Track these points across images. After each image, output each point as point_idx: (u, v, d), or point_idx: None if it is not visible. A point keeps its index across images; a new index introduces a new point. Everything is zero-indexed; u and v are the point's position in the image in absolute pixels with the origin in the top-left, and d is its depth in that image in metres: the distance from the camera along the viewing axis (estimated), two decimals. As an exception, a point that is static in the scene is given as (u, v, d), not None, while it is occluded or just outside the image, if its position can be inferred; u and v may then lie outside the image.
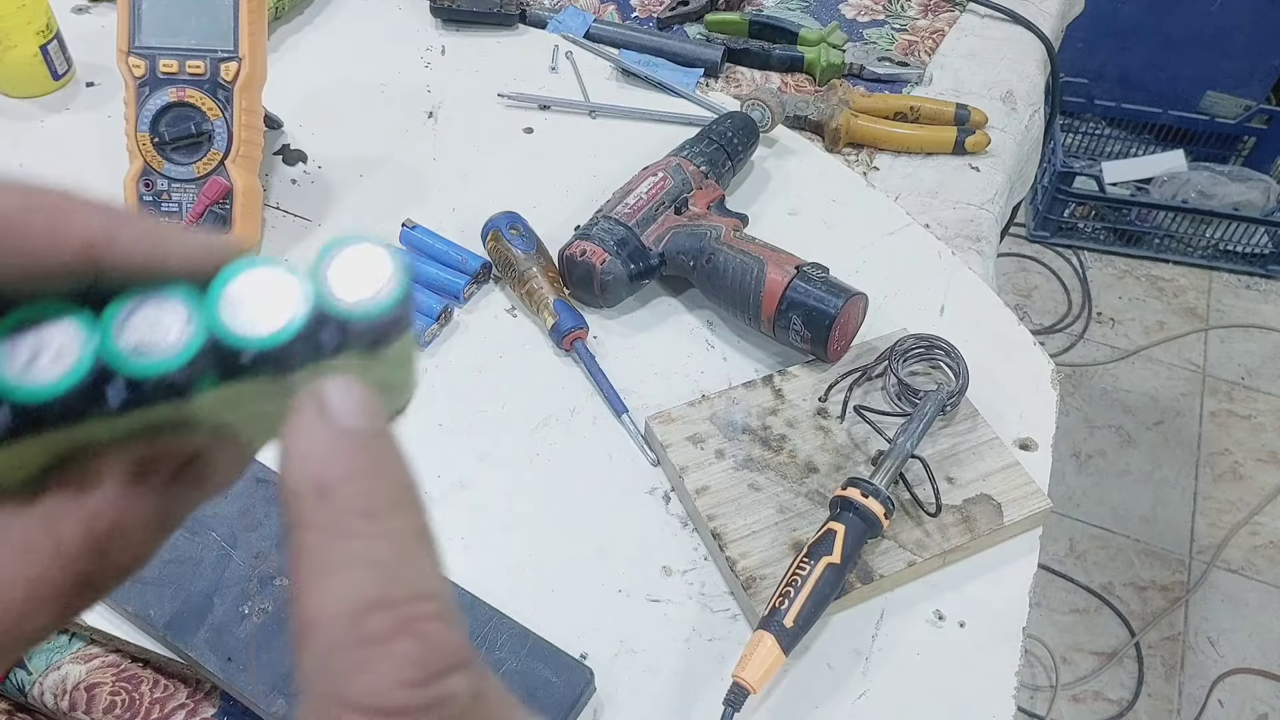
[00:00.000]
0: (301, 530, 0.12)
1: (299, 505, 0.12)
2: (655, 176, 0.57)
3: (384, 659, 0.11)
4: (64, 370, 0.13)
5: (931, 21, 0.79)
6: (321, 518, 0.12)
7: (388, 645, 0.11)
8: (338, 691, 0.11)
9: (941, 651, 0.43)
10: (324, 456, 0.12)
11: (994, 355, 0.54)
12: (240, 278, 0.14)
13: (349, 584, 0.11)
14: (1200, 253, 1.59)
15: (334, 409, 0.12)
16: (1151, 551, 1.24)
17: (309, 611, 0.11)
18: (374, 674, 0.11)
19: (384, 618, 0.11)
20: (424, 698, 0.11)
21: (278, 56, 0.70)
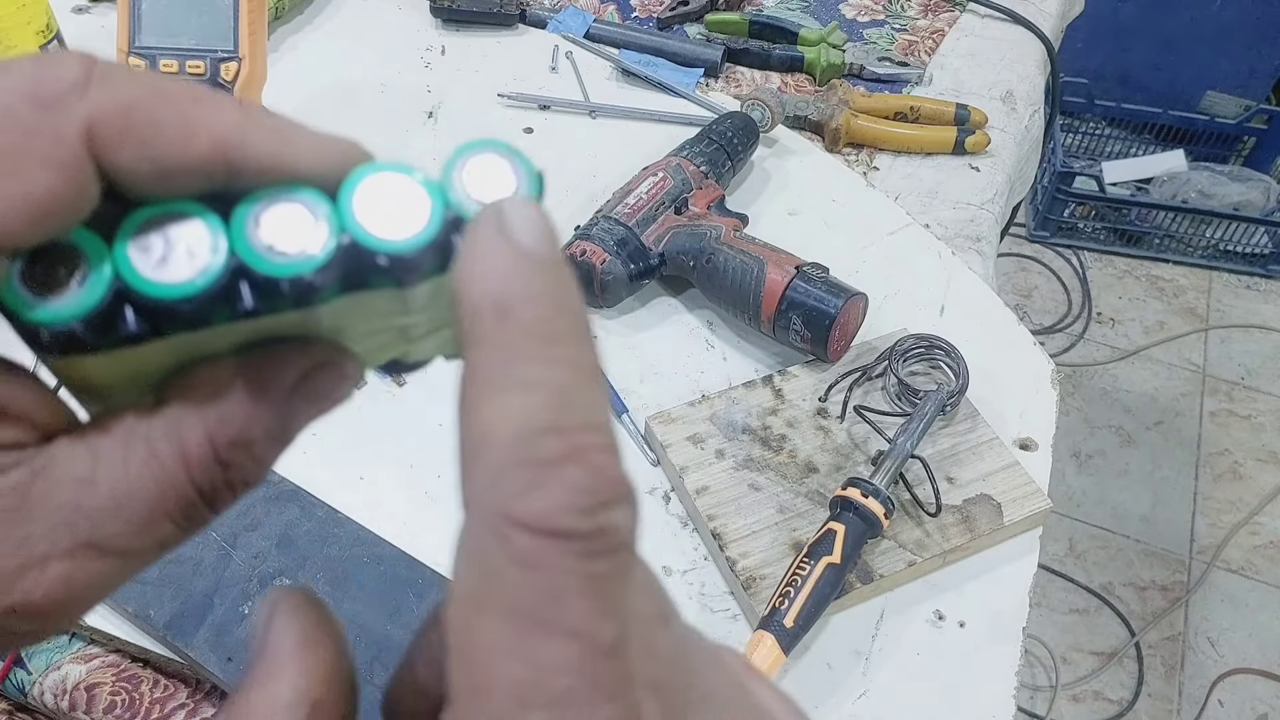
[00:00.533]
0: (478, 349, 0.12)
1: (477, 323, 0.12)
2: (655, 176, 0.57)
3: (554, 482, 0.11)
4: (198, 270, 0.13)
5: (931, 21, 0.79)
6: (500, 337, 0.11)
7: (559, 470, 0.11)
8: (505, 509, 0.11)
9: (941, 651, 0.43)
10: (506, 275, 0.12)
11: (994, 355, 0.53)
12: (371, 180, 0.13)
13: (524, 406, 0.11)
14: (1200, 253, 1.59)
15: (516, 228, 0.12)
16: (1151, 551, 1.24)
17: (480, 429, 0.11)
18: (543, 496, 0.11)
19: (556, 443, 0.11)
20: (590, 525, 0.11)
21: (278, 57, 0.70)
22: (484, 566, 0.11)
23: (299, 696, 0.13)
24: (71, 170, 0.12)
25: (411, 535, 0.44)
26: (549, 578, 0.11)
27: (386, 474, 0.47)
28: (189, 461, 0.13)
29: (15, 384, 0.13)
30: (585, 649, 0.11)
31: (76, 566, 0.13)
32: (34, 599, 0.13)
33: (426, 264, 0.14)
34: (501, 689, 0.11)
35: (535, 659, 0.11)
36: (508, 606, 0.11)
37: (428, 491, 0.47)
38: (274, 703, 0.13)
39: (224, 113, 0.13)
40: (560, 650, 0.11)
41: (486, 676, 0.11)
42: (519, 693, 0.11)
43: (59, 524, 0.13)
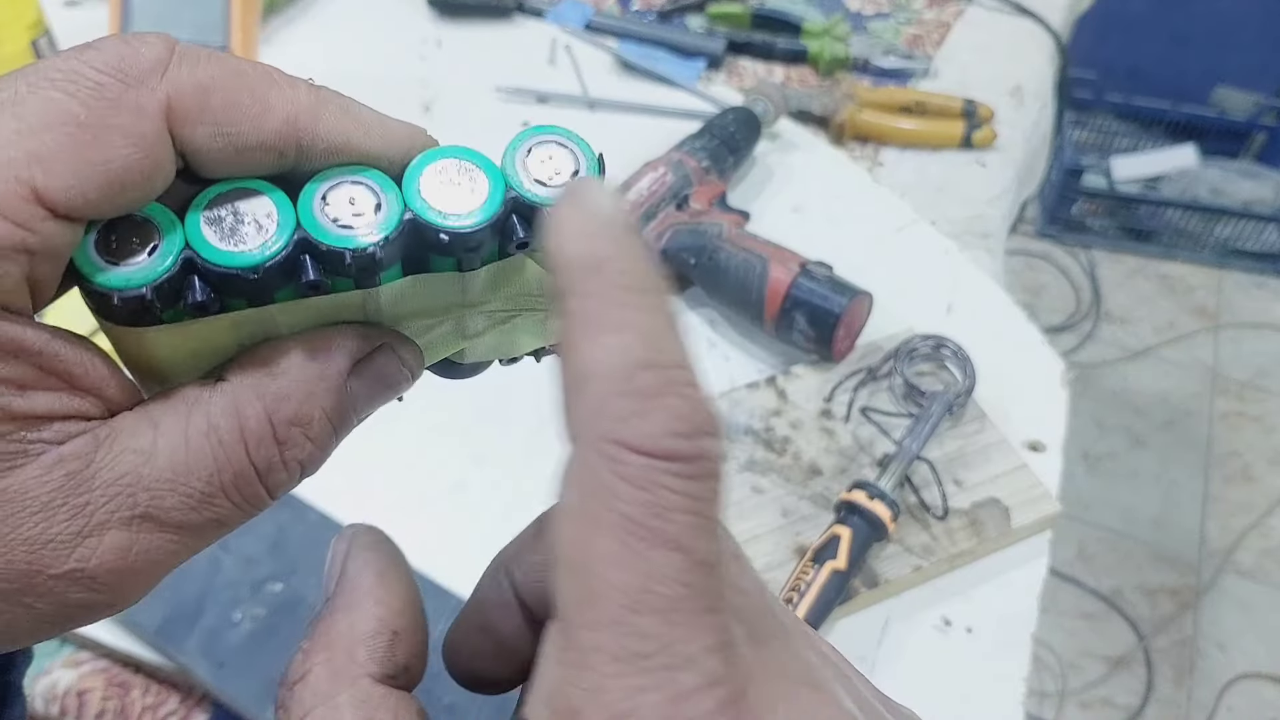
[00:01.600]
0: (575, 297, 0.13)
1: (572, 274, 0.13)
2: (656, 172, 0.56)
3: (657, 409, 0.12)
4: (264, 241, 0.14)
5: (938, 14, 0.78)
6: (595, 286, 0.13)
7: (659, 399, 0.12)
8: (613, 434, 0.12)
9: (948, 658, 0.42)
10: (594, 236, 0.13)
11: (1002, 355, 0.52)
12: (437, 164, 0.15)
13: (622, 343, 0.12)
14: (1211, 251, 1.57)
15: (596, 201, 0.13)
16: (1161, 555, 1.23)
17: (583, 364, 0.12)
18: (649, 421, 0.12)
19: (653, 376, 0.12)
20: (690, 448, 0.12)
21: (270, 49, 0.70)
22: (595, 486, 0.12)
23: (380, 625, 0.14)
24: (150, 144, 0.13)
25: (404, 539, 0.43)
26: (656, 494, 0.12)
27: (379, 479, 0.46)
28: (247, 436, 0.14)
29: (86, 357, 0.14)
30: (688, 561, 0.12)
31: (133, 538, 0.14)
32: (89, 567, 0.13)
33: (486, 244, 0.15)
34: (615, 595, 0.12)
35: (645, 568, 0.12)
36: (619, 520, 0.12)
37: (420, 495, 0.46)
38: (357, 631, 0.14)
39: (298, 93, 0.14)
40: (666, 560, 0.12)
41: (601, 584, 0.12)
42: (631, 598, 0.12)
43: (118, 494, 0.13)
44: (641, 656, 0.11)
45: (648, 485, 0.12)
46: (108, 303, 0.13)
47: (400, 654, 0.15)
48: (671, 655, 0.11)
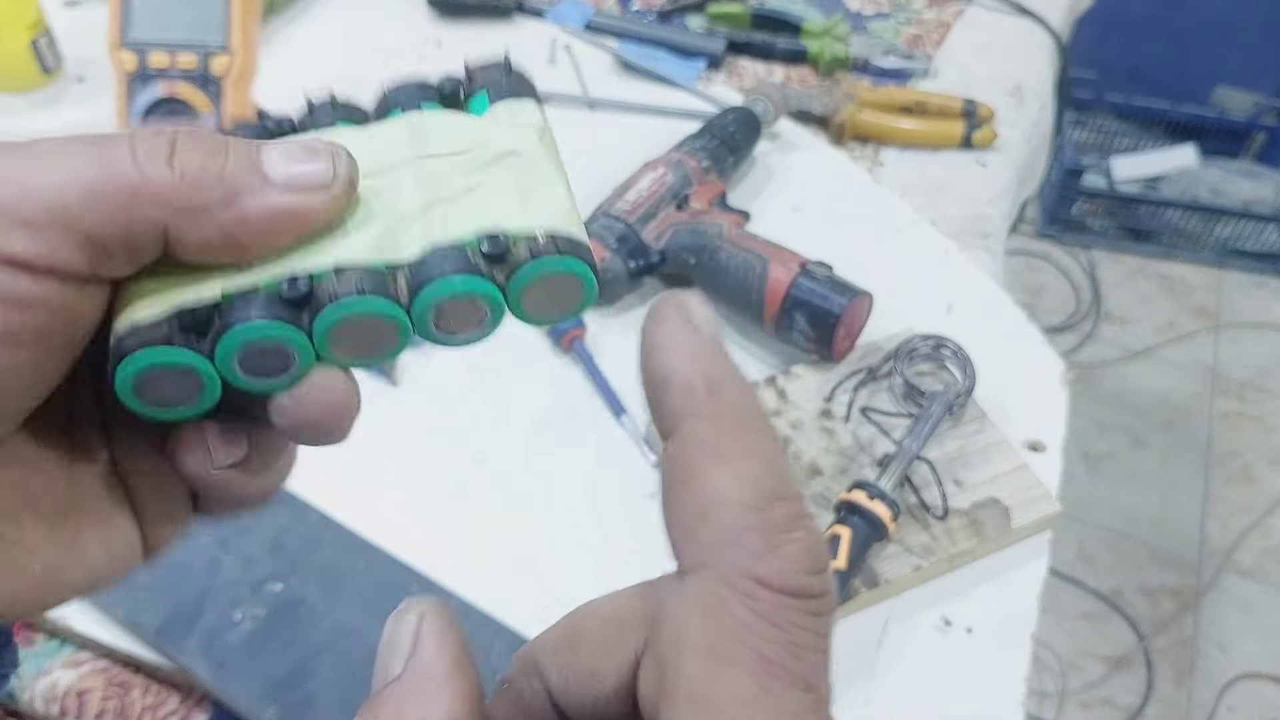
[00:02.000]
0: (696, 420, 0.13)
1: (692, 397, 0.13)
2: (656, 172, 0.56)
3: (790, 545, 0.12)
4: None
5: (938, 14, 0.78)
6: (716, 410, 0.13)
7: (790, 534, 0.12)
8: (749, 570, 0.12)
9: (948, 658, 0.42)
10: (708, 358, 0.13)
11: (1002, 355, 0.52)
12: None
13: (750, 473, 0.12)
14: (1211, 251, 1.57)
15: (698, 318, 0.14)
16: (1161, 555, 1.23)
17: (711, 491, 0.12)
18: (783, 557, 0.12)
19: (784, 509, 0.12)
20: (819, 585, 0.12)
21: (270, 50, 0.69)
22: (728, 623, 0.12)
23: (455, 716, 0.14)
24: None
25: (404, 540, 0.43)
26: (792, 634, 0.12)
27: (379, 478, 0.46)
28: None
29: None
30: (816, 699, 0.12)
31: None
32: None
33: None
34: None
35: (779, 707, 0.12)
36: (755, 659, 0.12)
37: (420, 496, 0.46)
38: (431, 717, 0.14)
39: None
40: (799, 700, 0.12)
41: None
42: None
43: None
44: None
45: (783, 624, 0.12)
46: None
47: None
48: None
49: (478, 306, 0.16)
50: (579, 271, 0.16)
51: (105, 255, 0.14)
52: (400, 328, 0.15)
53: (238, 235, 0.15)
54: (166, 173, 0.14)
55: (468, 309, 0.16)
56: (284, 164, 0.15)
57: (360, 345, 0.16)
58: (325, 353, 0.16)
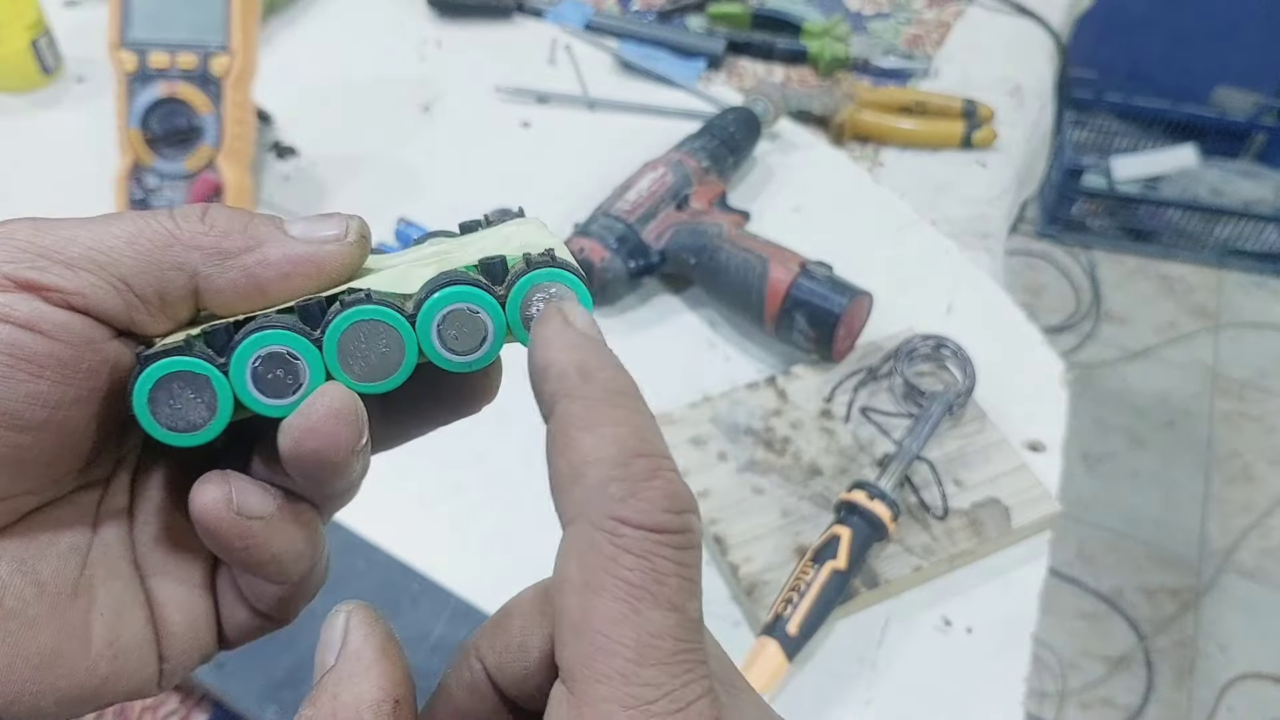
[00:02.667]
0: (568, 399, 0.15)
1: (565, 380, 0.15)
2: (656, 172, 0.56)
3: (648, 491, 0.14)
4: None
5: (938, 14, 0.78)
6: (587, 391, 0.15)
7: (649, 482, 0.14)
8: (613, 512, 0.14)
9: (948, 658, 0.42)
10: (580, 348, 0.15)
11: (1002, 355, 0.52)
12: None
13: (616, 436, 0.14)
14: (1211, 251, 1.57)
15: (577, 319, 0.16)
16: (1161, 555, 1.23)
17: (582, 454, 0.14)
18: (642, 500, 0.14)
19: (645, 463, 0.14)
20: (679, 522, 0.14)
21: (270, 50, 0.69)
22: (597, 559, 0.14)
23: (384, 695, 0.15)
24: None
25: (403, 540, 0.43)
26: (654, 562, 0.14)
27: (379, 480, 0.46)
28: None
29: None
30: (681, 620, 0.14)
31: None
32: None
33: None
34: (622, 650, 0.13)
35: (647, 626, 0.13)
36: (622, 586, 0.13)
37: (420, 496, 0.46)
38: (362, 701, 0.15)
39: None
40: (664, 618, 0.13)
41: (608, 642, 0.13)
42: (636, 652, 0.13)
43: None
44: (648, 703, 0.13)
45: (645, 554, 0.14)
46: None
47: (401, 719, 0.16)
48: (673, 700, 0.13)
49: (479, 320, 0.17)
50: (572, 283, 0.17)
51: (139, 301, 0.16)
52: (405, 342, 0.17)
53: (260, 277, 0.17)
54: (199, 225, 0.17)
55: (469, 322, 0.17)
56: (305, 225, 0.17)
57: (368, 365, 0.17)
58: (335, 367, 0.16)
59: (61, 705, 0.16)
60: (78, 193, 0.58)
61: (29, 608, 0.16)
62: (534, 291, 0.17)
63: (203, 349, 0.16)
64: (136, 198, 0.54)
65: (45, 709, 0.16)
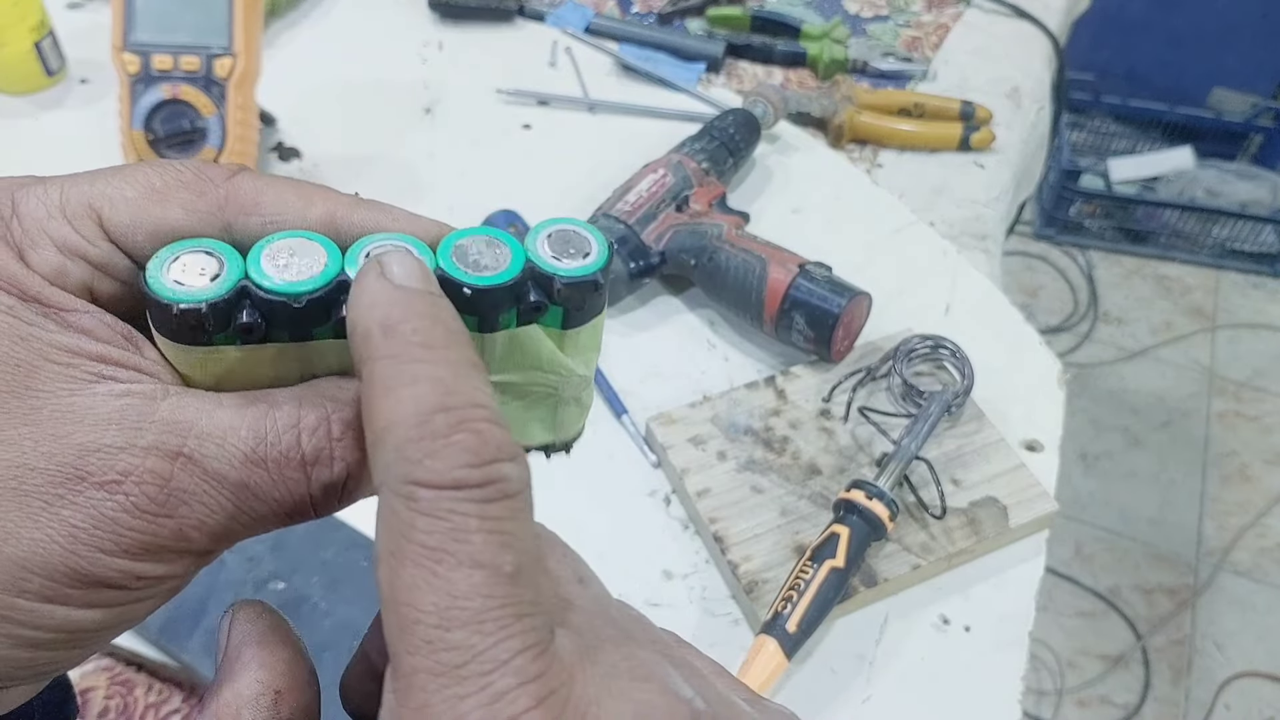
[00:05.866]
0: (370, 362, 0.14)
1: (368, 342, 0.14)
2: (656, 174, 0.56)
3: (448, 447, 0.13)
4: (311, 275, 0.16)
5: (936, 17, 0.78)
6: (388, 349, 0.14)
7: (449, 438, 0.13)
8: (409, 475, 0.13)
9: (947, 656, 0.42)
10: (388, 303, 0.14)
11: (1000, 355, 0.53)
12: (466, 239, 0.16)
13: (415, 395, 0.13)
14: (1207, 251, 1.57)
15: (393, 271, 0.15)
16: (1158, 554, 1.23)
17: (382, 418, 0.13)
18: (440, 459, 0.13)
19: (445, 418, 0.13)
20: (481, 475, 0.13)
21: (273, 52, 0.70)
22: (397, 525, 0.13)
23: (262, 688, 0.15)
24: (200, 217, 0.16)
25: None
26: (452, 520, 0.13)
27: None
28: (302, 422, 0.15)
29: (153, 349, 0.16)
30: (490, 575, 0.13)
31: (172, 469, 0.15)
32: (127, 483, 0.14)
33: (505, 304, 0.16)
34: (425, 617, 0.12)
35: (447, 587, 0.13)
36: (419, 550, 0.13)
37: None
38: (240, 696, 0.15)
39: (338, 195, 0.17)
40: (467, 577, 0.13)
41: (411, 610, 0.13)
42: (439, 617, 0.12)
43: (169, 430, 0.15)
44: (457, 667, 0.12)
45: (443, 514, 0.13)
46: (167, 315, 0.15)
47: (284, 711, 0.15)
48: (484, 662, 0.12)
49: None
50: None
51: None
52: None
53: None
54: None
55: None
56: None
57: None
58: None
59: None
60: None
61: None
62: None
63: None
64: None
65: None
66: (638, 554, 0.45)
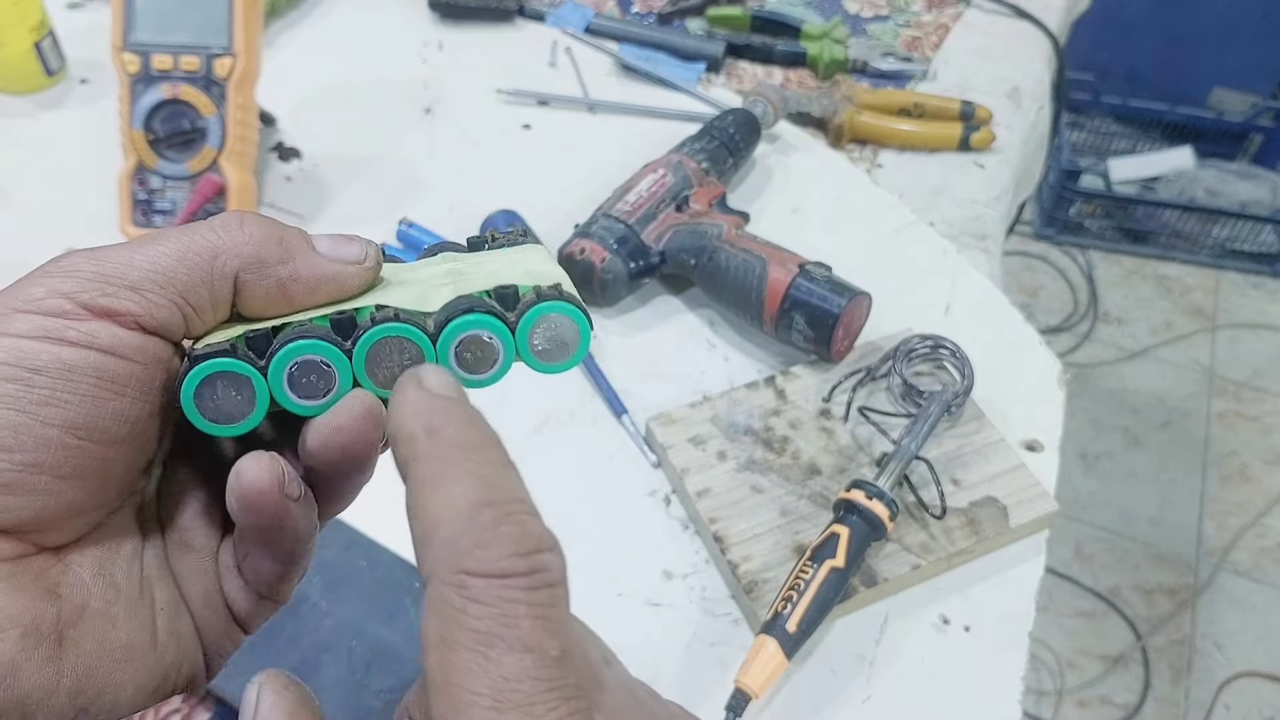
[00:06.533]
0: (416, 462, 0.15)
1: (413, 444, 0.15)
2: (656, 174, 0.56)
3: (495, 539, 0.14)
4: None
5: (936, 17, 0.78)
6: (433, 450, 0.15)
7: (496, 530, 0.14)
8: (460, 566, 0.14)
9: (946, 656, 0.42)
10: (429, 409, 0.16)
11: (1000, 355, 0.53)
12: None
13: (462, 492, 0.14)
14: (1207, 251, 1.57)
15: (431, 382, 0.16)
16: (1158, 554, 1.23)
17: (432, 514, 0.15)
18: (489, 550, 0.14)
19: (491, 512, 0.14)
20: (525, 565, 0.14)
21: (273, 52, 0.70)
22: (449, 613, 0.14)
23: None
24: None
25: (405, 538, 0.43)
26: (502, 607, 0.14)
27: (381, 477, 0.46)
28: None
29: None
30: (538, 659, 0.14)
31: None
32: None
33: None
34: (478, 699, 0.13)
35: (500, 670, 0.13)
36: (472, 636, 0.14)
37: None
38: None
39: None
40: (518, 661, 0.13)
41: (465, 694, 0.13)
42: (492, 700, 0.13)
43: None
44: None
45: (494, 601, 0.14)
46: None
47: None
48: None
49: (493, 345, 0.18)
50: (576, 317, 0.19)
51: (194, 311, 0.18)
52: (426, 358, 0.18)
53: (290, 289, 0.18)
54: (240, 234, 0.18)
55: (484, 346, 0.18)
56: (330, 244, 0.19)
57: (391, 374, 0.18)
58: (362, 375, 0.18)
59: (137, 695, 0.17)
60: (81, 194, 0.58)
61: (111, 607, 0.17)
62: (541, 321, 0.19)
63: (245, 352, 0.18)
64: (140, 199, 0.55)
65: (124, 701, 0.17)
66: (638, 554, 0.45)
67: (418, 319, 0.18)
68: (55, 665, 0.16)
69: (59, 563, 0.17)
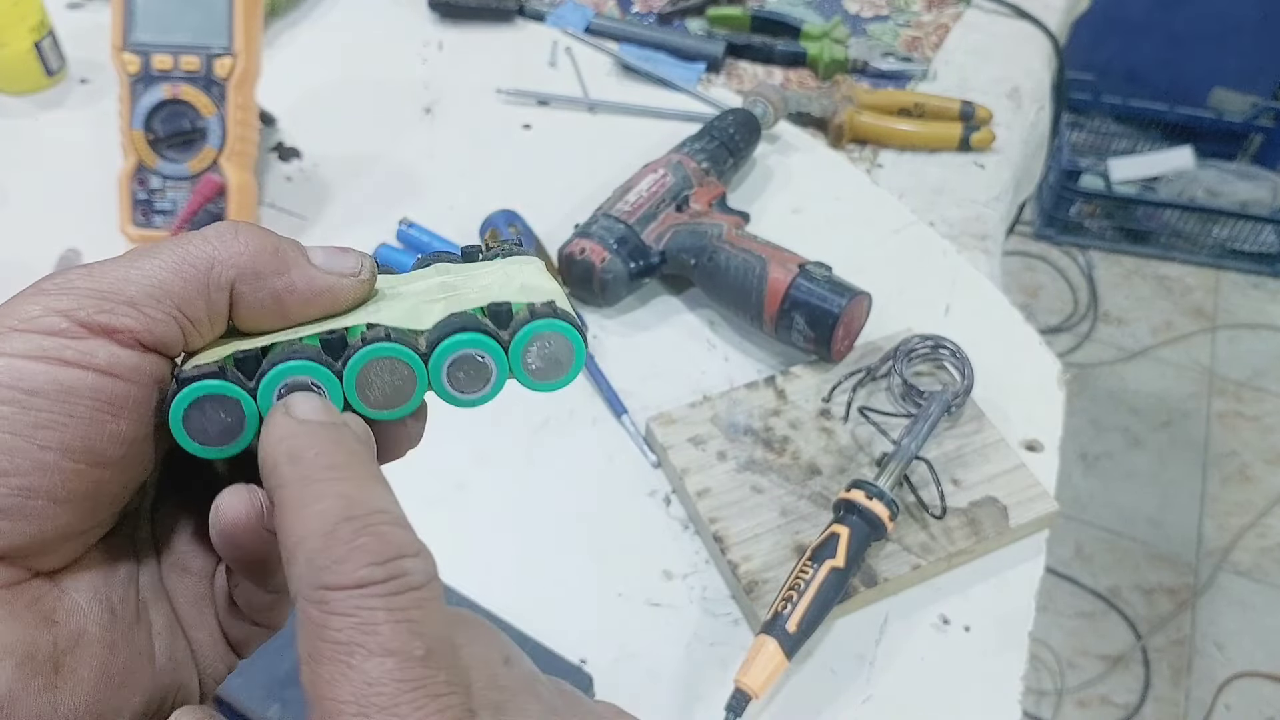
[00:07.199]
0: (281, 488, 0.15)
1: (277, 472, 0.15)
2: (656, 174, 0.56)
3: (352, 552, 0.14)
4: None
5: (936, 16, 0.78)
6: (296, 474, 0.15)
7: (353, 543, 0.14)
8: (318, 581, 0.14)
9: (946, 656, 0.42)
10: (293, 435, 0.16)
11: (1000, 355, 0.53)
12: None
13: (320, 510, 0.15)
14: (1208, 251, 1.58)
15: (298, 410, 0.16)
16: (1159, 554, 1.23)
17: (295, 536, 0.15)
18: (346, 562, 0.14)
19: (349, 526, 0.14)
20: (383, 573, 0.14)
21: (273, 52, 0.70)
22: (312, 629, 0.14)
23: None
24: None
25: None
26: (361, 615, 0.14)
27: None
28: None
29: None
30: (401, 661, 0.14)
31: None
32: None
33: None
34: (345, 708, 0.13)
35: (363, 677, 0.14)
36: (334, 647, 0.14)
37: (420, 496, 0.47)
38: None
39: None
40: (379, 666, 0.14)
41: (332, 705, 0.14)
42: (357, 707, 0.13)
43: None
44: None
45: (352, 611, 0.14)
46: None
47: None
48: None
49: (485, 365, 0.18)
50: (571, 335, 0.19)
51: (192, 324, 0.17)
52: (418, 378, 0.18)
53: (285, 301, 0.18)
54: (235, 244, 0.18)
55: (477, 366, 0.18)
56: (325, 256, 0.19)
57: (382, 394, 0.18)
58: (353, 395, 0.18)
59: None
60: (81, 195, 0.58)
61: (108, 633, 0.17)
62: (535, 340, 0.18)
63: (234, 373, 0.17)
64: (140, 199, 0.55)
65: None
66: (638, 554, 0.45)
67: (409, 338, 0.18)
68: (52, 694, 0.16)
69: (54, 588, 0.17)
